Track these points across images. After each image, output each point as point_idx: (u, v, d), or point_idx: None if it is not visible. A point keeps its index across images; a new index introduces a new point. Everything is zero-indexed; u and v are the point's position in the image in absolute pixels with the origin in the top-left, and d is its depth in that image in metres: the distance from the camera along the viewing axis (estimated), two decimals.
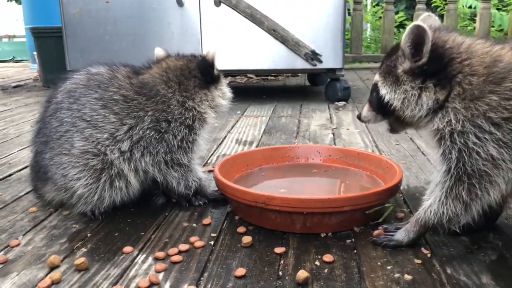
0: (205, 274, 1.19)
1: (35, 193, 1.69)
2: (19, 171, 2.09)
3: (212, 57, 1.64)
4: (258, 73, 5.69)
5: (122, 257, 1.29)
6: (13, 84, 5.33)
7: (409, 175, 1.96)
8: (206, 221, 1.51)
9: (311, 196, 1.41)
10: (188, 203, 1.65)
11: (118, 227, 1.49)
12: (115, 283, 1.15)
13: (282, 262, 1.25)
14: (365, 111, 1.42)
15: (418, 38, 1.19)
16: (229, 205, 1.62)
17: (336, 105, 3.73)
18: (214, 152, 2.41)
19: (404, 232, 1.31)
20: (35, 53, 5.34)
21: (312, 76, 5.03)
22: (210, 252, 1.30)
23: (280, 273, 1.19)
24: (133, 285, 1.14)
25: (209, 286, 1.14)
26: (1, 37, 12.09)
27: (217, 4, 3.63)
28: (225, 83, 1.75)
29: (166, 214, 1.58)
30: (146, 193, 1.67)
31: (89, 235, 1.43)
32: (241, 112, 3.50)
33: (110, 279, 1.17)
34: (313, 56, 3.65)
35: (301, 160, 1.94)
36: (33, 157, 1.64)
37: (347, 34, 5.92)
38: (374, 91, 1.34)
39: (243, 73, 5.45)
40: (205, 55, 1.66)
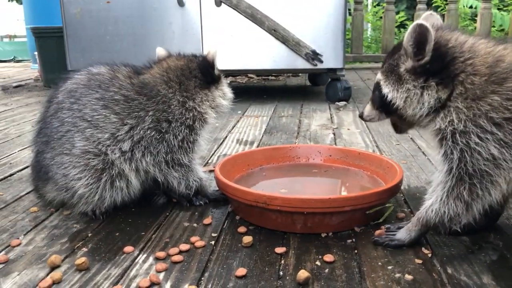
0: (206, 274, 1.19)
1: (36, 193, 1.69)
2: (20, 171, 2.09)
3: (212, 57, 1.64)
4: (259, 73, 5.70)
5: (123, 257, 1.29)
6: (14, 84, 5.33)
7: (410, 175, 1.96)
8: (206, 221, 1.51)
9: (312, 196, 1.40)
10: (189, 203, 1.65)
11: (119, 227, 1.49)
12: (116, 283, 1.15)
13: (282, 262, 1.25)
14: (367, 109, 1.42)
15: (421, 37, 1.18)
16: (230, 205, 1.63)
17: (336, 105, 3.72)
18: (215, 152, 2.41)
19: (405, 231, 1.31)
20: (36, 53, 5.34)
21: (312, 76, 5.03)
22: (211, 252, 1.30)
23: (281, 273, 1.19)
24: (134, 285, 1.14)
25: (209, 286, 1.14)
26: (2, 37, 12.11)
27: (218, 4, 3.64)
28: (226, 83, 1.75)
29: (167, 214, 1.58)
30: (147, 193, 1.67)
31: (90, 235, 1.43)
32: (242, 112, 3.50)
33: (111, 279, 1.17)
34: (313, 56, 3.65)
35: (301, 160, 1.94)
36: (34, 157, 1.65)
37: (348, 34, 5.92)
38: (377, 90, 1.34)
39: (243, 73, 5.45)
40: (206, 55, 1.66)
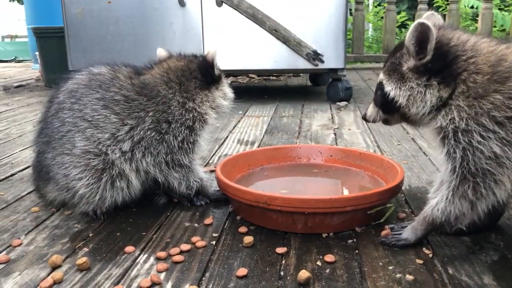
0: (207, 274, 1.19)
1: (37, 193, 1.70)
2: (21, 171, 2.10)
3: (212, 57, 1.63)
4: (260, 73, 5.70)
5: (124, 257, 1.29)
6: (15, 84, 5.34)
7: (411, 175, 1.95)
8: (207, 221, 1.51)
9: (313, 196, 1.40)
10: (189, 203, 1.65)
11: (120, 227, 1.49)
12: (117, 283, 1.15)
13: (283, 262, 1.25)
14: (370, 110, 1.42)
15: (422, 36, 1.18)
16: (231, 205, 1.62)
17: (337, 105, 3.72)
18: (215, 152, 2.41)
19: (411, 230, 1.31)
20: (37, 53, 5.34)
21: (313, 76, 5.03)
22: (212, 252, 1.30)
23: (282, 273, 1.19)
24: (134, 285, 1.14)
25: (210, 286, 1.14)
26: (3, 37, 12.12)
27: (219, 4, 3.64)
28: (227, 83, 1.74)
29: (168, 214, 1.59)
30: (147, 193, 1.67)
31: (91, 235, 1.43)
32: (243, 112, 3.50)
33: (112, 278, 1.18)
34: (314, 56, 3.65)
35: (302, 160, 1.94)
36: (35, 157, 1.65)
37: (349, 34, 5.91)
38: (379, 90, 1.34)
39: (244, 73, 5.45)
40: (205, 55, 1.66)
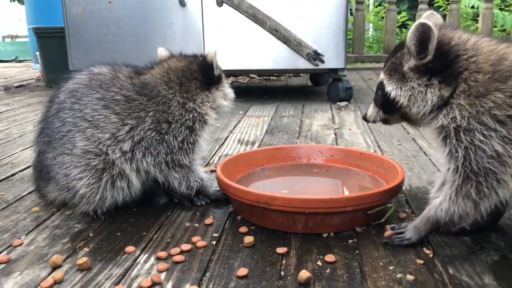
0: (207, 274, 1.19)
1: (37, 192, 1.70)
2: (21, 171, 2.10)
3: (212, 58, 1.63)
4: (260, 73, 5.70)
5: (124, 256, 1.29)
6: (15, 84, 5.34)
7: (411, 175, 1.95)
8: (208, 221, 1.51)
9: (313, 196, 1.40)
10: (190, 203, 1.65)
11: (121, 227, 1.49)
12: (117, 283, 1.15)
13: (284, 262, 1.25)
14: (370, 110, 1.42)
15: (424, 36, 1.18)
16: (231, 205, 1.62)
17: (338, 105, 3.72)
18: (216, 152, 2.41)
19: (414, 230, 1.31)
20: (37, 53, 5.35)
21: (314, 76, 5.03)
22: (212, 252, 1.30)
23: (282, 273, 1.19)
24: (135, 284, 1.14)
25: (211, 286, 1.14)
26: (4, 37, 12.13)
27: (219, 4, 3.64)
28: (227, 83, 1.74)
29: (168, 214, 1.59)
30: (148, 193, 1.67)
31: (91, 234, 1.43)
32: (243, 112, 3.50)
33: (113, 278, 1.18)
34: (315, 56, 3.65)
35: (303, 160, 1.94)
36: (36, 157, 1.65)
37: (349, 34, 5.92)
38: (380, 90, 1.34)
39: (245, 73, 5.45)
40: (205, 56, 1.66)
